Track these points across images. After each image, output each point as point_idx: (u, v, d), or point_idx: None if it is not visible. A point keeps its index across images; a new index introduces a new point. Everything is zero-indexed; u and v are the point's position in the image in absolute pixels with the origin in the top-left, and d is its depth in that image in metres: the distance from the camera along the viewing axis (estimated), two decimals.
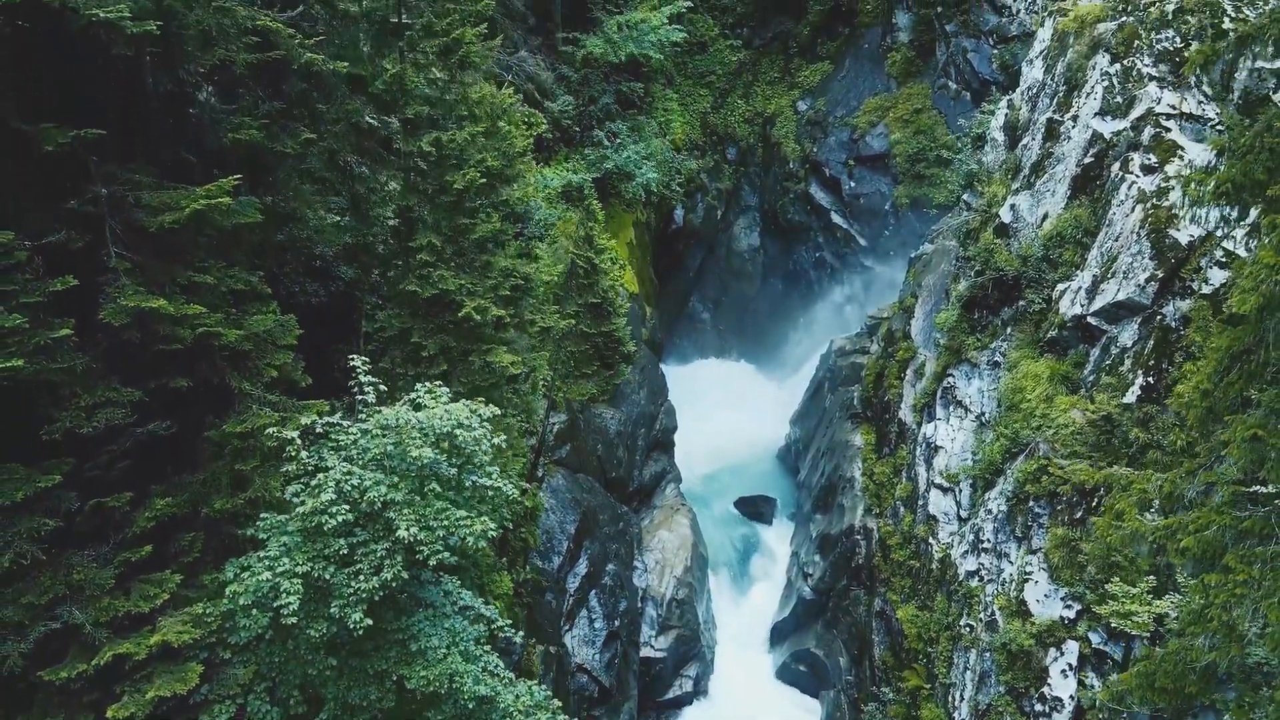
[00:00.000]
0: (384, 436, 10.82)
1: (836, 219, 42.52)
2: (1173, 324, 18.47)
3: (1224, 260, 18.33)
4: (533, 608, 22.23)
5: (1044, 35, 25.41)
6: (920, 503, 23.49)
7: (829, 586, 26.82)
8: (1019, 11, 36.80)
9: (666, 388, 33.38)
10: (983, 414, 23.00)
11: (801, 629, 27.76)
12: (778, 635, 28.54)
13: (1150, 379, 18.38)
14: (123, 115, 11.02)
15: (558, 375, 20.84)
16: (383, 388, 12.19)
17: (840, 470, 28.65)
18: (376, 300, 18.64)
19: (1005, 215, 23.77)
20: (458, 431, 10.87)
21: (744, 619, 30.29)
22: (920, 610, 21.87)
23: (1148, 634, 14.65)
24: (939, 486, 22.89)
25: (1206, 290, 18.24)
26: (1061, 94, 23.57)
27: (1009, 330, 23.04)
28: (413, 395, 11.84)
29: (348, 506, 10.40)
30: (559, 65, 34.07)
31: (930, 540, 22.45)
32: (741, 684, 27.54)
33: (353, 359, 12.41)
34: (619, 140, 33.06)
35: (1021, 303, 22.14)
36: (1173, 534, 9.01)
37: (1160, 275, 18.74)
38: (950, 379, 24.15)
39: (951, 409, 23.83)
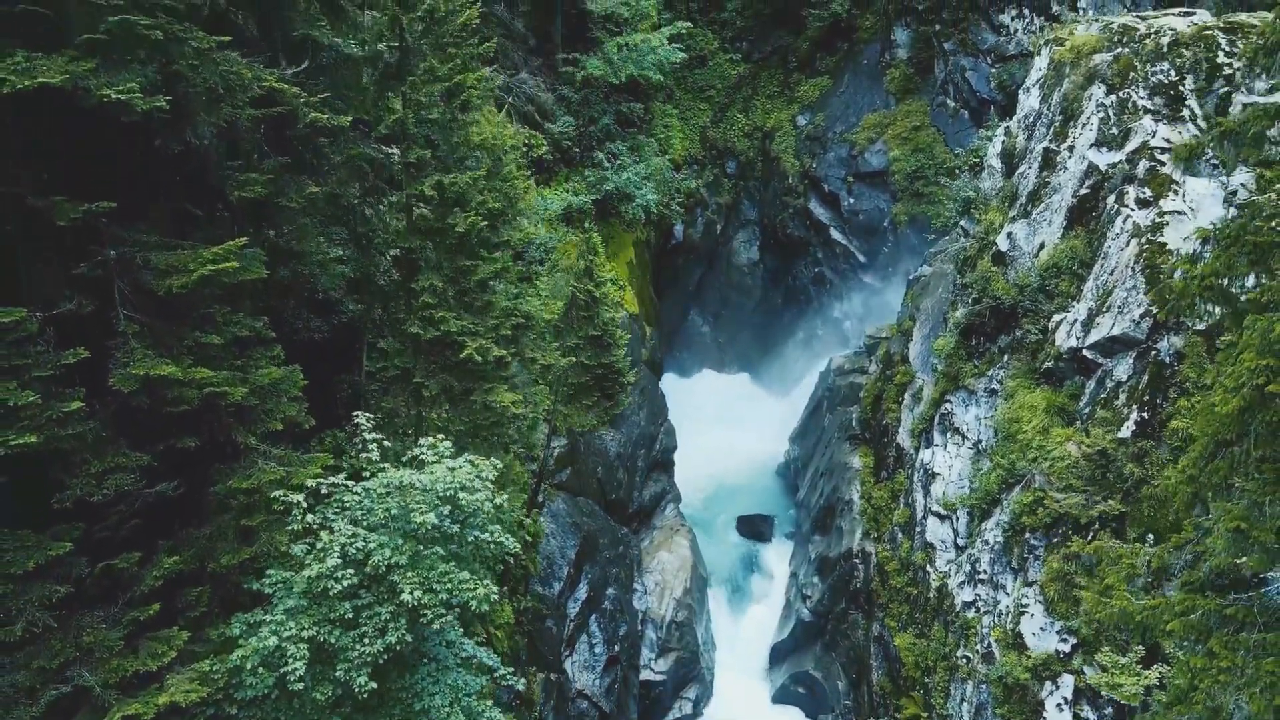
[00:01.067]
0: (389, 498, 10.99)
1: (835, 235, 42.69)
2: (1167, 359, 18.65)
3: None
4: (533, 635, 22.40)
5: (1040, 64, 25.58)
6: (918, 529, 23.67)
7: (827, 609, 26.99)
8: (1017, 31, 36.99)
9: (666, 408, 33.58)
10: (980, 441, 23.18)
11: (800, 650, 27.93)
12: (776, 656, 28.71)
13: (1145, 414, 18.56)
14: (130, 174, 11.20)
15: (559, 400, 21.01)
16: (386, 444, 12.36)
17: (839, 492, 28.83)
18: (379, 335, 18.88)
19: (1002, 243, 23.95)
20: (460, 495, 11.06)
21: (743, 639, 30.46)
22: (918, 638, 22.04)
23: (1137, 704, 14.81)
24: (936, 514, 23.06)
25: (1200, 326, 18.41)
26: (1058, 124, 23.73)
27: (1006, 358, 23.22)
28: (416, 451, 12.02)
29: (352, 570, 10.57)
30: (559, 86, 34.28)
31: (928, 568, 22.63)
32: (741, 706, 27.71)
33: (358, 416, 12.58)
34: (619, 161, 33.24)
35: (1019, 333, 22.32)
36: (1159, 615, 9.15)
37: (1154, 311, 18.91)
38: (948, 405, 24.33)
39: (949, 436, 24.01)
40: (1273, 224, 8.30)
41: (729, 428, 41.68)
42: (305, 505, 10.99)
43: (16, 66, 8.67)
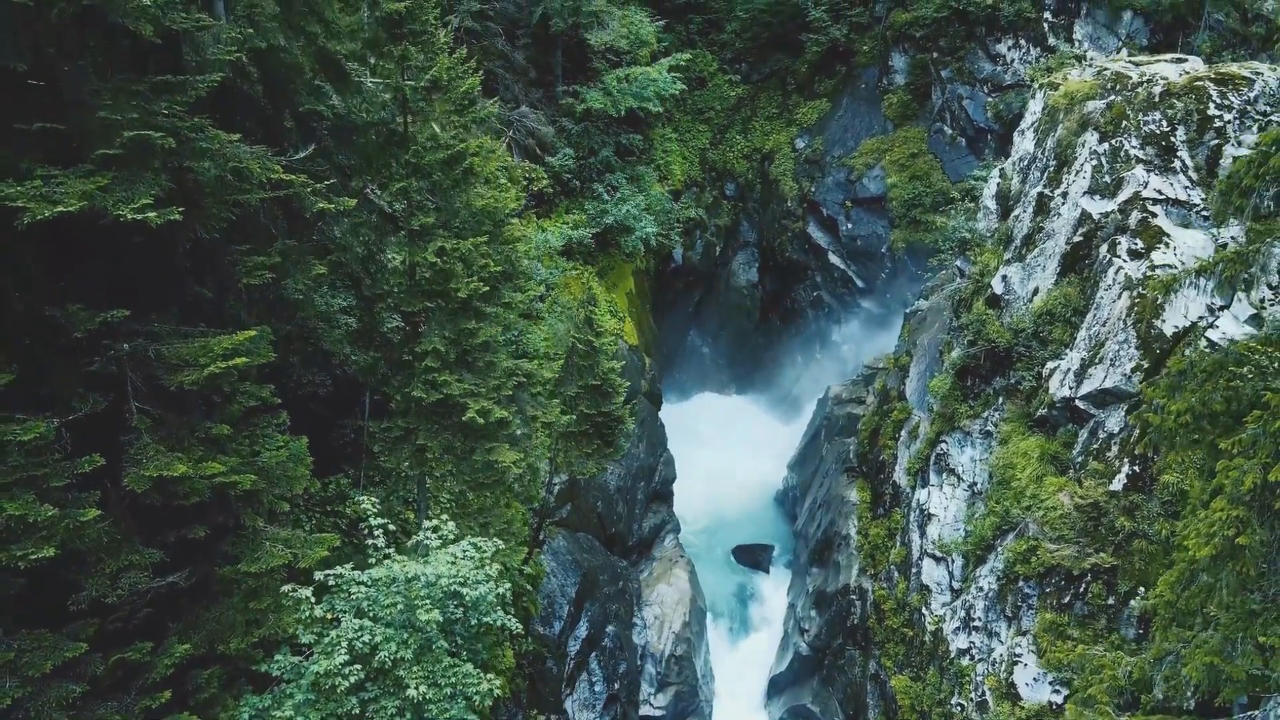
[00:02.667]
0: (394, 593, 11.29)
1: (834, 259, 43.02)
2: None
3: (1208, 351, 18.82)
4: (534, 677, 22.70)
5: (1035, 108, 25.89)
6: (914, 570, 23.97)
7: (825, 644, 27.29)
8: (1013, 61, 37.29)
9: (665, 438, 33.88)
10: (975, 484, 23.47)
11: (798, 684, 28.23)
12: (775, 688, 29.01)
13: (1136, 468, 18.85)
14: (142, 270, 11.50)
15: (559, 445, 21.33)
16: (391, 527, 12.67)
17: (836, 526, 29.13)
18: (381, 388, 19.19)
19: (997, 286, 24.26)
20: (463, 590, 11.36)
21: (741, 669, 30.76)
22: (914, 681, 22.34)
23: None
24: (932, 556, 23.36)
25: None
26: (1052, 169, 24.04)
27: (1001, 400, 23.52)
28: (420, 536, 12.32)
29: (359, 666, 10.87)
30: (559, 118, 34.58)
31: (923, 610, 22.93)
32: None
33: (362, 500, 12.89)
34: (619, 194, 33.55)
35: (1013, 379, 22.61)
36: None
37: (1145, 365, 19.20)
38: (943, 445, 24.62)
39: (944, 476, 24.31)
40: (1245, 370, 8.60)
41: (728, 450, 42.01)
42: (313, 601, 11.28)
43: (35, 192, 8.96)
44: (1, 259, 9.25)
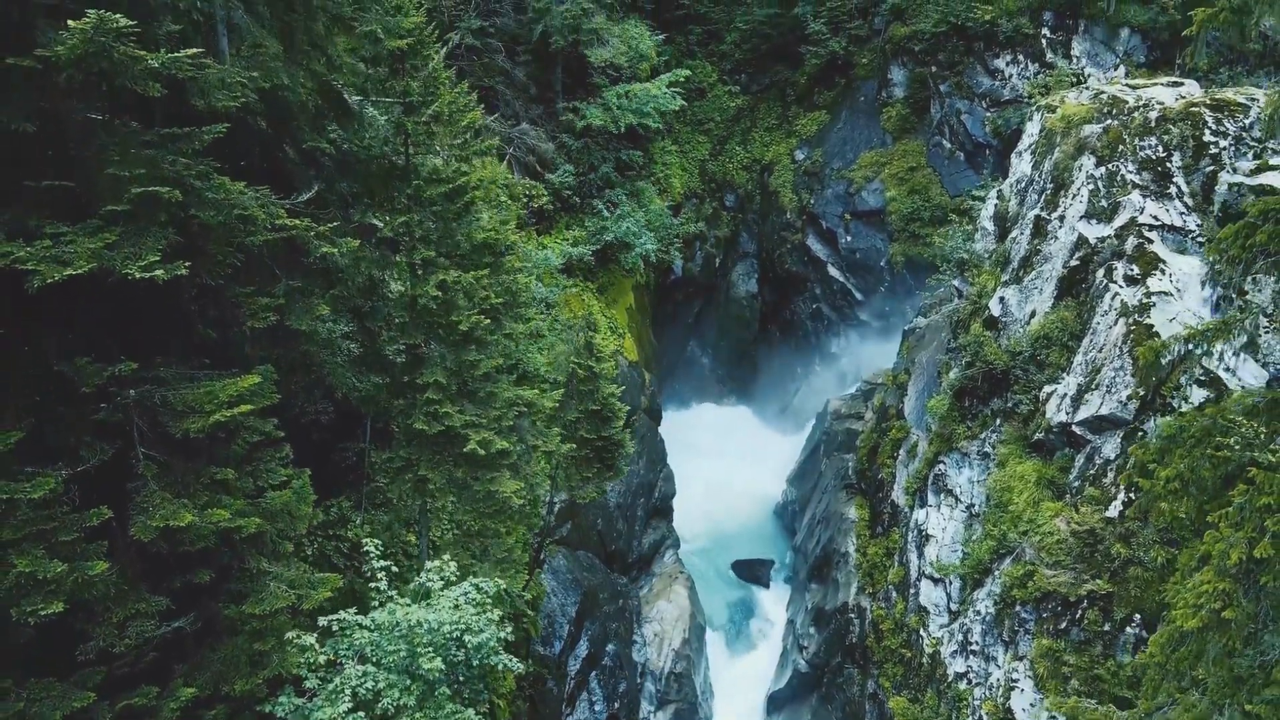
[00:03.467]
0: (398, 639, 11.44)
1: (833, 272, 43.18)
2: (1153, 440, 19.07)
3: (1203, 379, 18.99)
4: (534, 698, 22.85)
5: (1032, 130, 26.04)
6: (912, 591, 24.12)
7: (824, 662, 27.44)
8: (1011, 77, 37.45)
9: (665, 454, 34.02)
10: (972, 505, 23.62)
11: (797, 701, 28.38)
12: (773, 705, 29.16)
13: (1132, 495, 19.00)
14: (147, 316, 11.65)
15: (559, 463, 21.48)
16: (394, 568, 12.82)
17: (835, 543, 29.27)
18: (382, 416, 19.35)
19: (994, 308, 24.41)
20: (466, 637, 11.52)
21: (740, 685, 30.88)
22: (912, 703, 22.49)
23: None
24: (930, 577, 23.51)
25: (1186, 408, 18.86)
26: (1049, 192, 24.19)
27: (998, 421, 23.66)
28: (423, 578, 12.48)
29: (363, 714, 11.03)
30: (559, 134, 34.73)
31: (921, 632, 23.08)
32: None
33: (366, 543, 13.04)
34: (619, 210, 33.70)
35: (1011, 402, 22.76)
36: None
37: (1142, 393, 19.36)
38: (941, 466, 24.76)
39: (942, 497, 24.45)
40: (1231, 440, 8.77)
41: (728, 460, 42.12)
42: (317, 648, 11.43)
43: (45, 253, 9.11)
44: (11, 318, 9.37)
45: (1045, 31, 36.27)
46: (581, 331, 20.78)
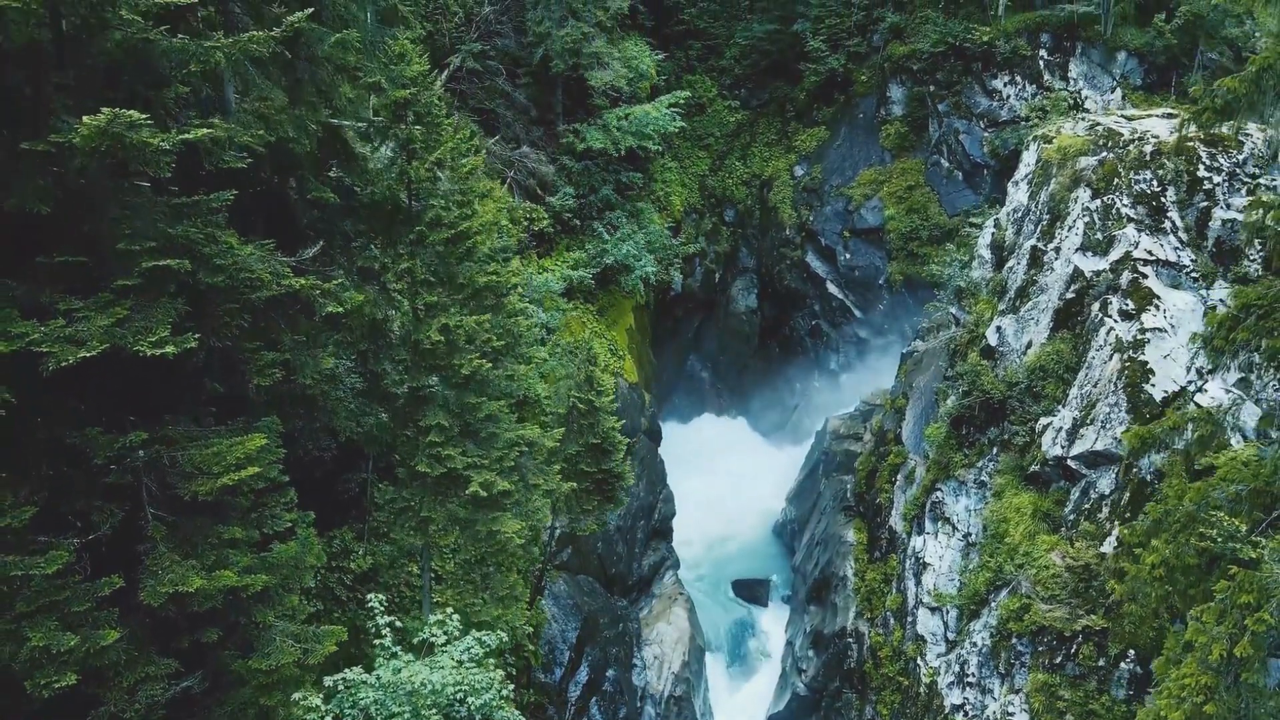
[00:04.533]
0: (401, 700, 11.66)
1: (832, 289, 43.39)
2: (1147, 477, 19.28)
3: (1196, 416, 19.20)
4: None
5: (1029, 160, 26.26)
6: (909, 619, 24.34)
7: (822, 686, 27.65)
8: (1009, 97, 37.65)
9: (665, 475, 34.22)
10: (969, 534, 23.84)
11: None
12: None
13: (1126, 531, 19.20)
14: (153, 374, 11.86)
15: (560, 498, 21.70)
16: (399, 624, 13.04)
17: (833, 566, 29.49)
18: (384, 454, 19.58)
19: (991, 337, 24.64)
20: (468, 699, 11.74)
21: (740, 706, 31.13)
22: None
23: None
24: (927, 606, 23.73)
25: (1180, 445, 19.08)
26: (1045, 223, 24.41)
27: (995, 450, 23.88)
28: (426, 633, 12.70)
29: None
30: (560, 156, 34.93)
31: (919, 660, 23.30)
32: None
33: (370, 599, 13.26)
34: (619, 232, 33.91)
35: (1007, 434, 22.98)
36: None
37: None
38: (938, 494, 24.98)
39: (939, 525, 24.67)
40: (1214, 532, 8.98)
41: (727, 475, 42.34)
42: (324, 706, 11.65)
43: (59, 334, 9.32)
44: (25, 395, 9.59)
45: (1043, 53, 36.48)
46: (582, 365, 20.95)
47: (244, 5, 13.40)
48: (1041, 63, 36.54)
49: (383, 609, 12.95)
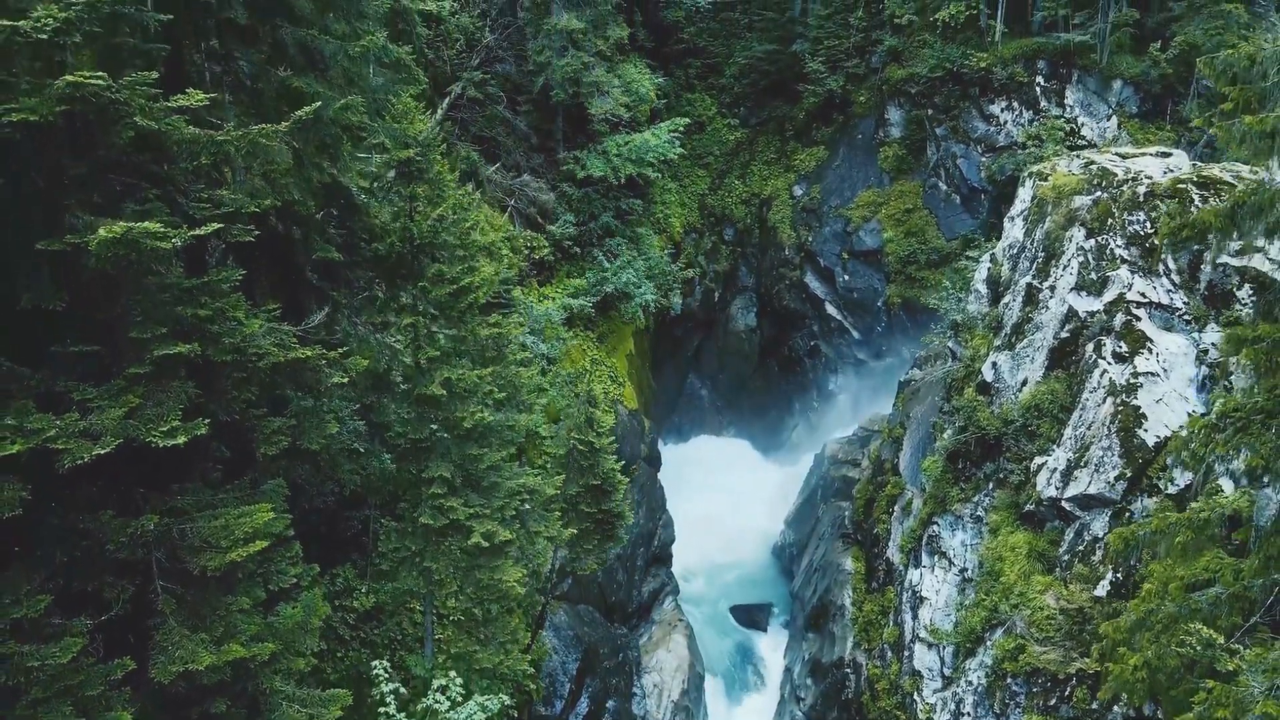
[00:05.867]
0: None
1: (831, 310, 43.65)
2: (1140, 521, 19.55)
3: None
4: None
5: (1024, 196, 26.51)
6: (906, 654, 24.59)
7: (820, 715, 27.91)
8: (1006, 123, 37.92)
9: (665, 500, 34.47)
10: (965, 569, 24.09)
11: None
12: None
13: (1119, 575, 19.47)
14: (166, 456, 12.12)
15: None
16: (403, 691, 13.31)
17: (831, 594, 29.74)
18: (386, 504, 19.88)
19: (987, 373, 24.89)
20: None
21: None
22: None
23: None
24: (924, 641, 23.98)
25: (1173, 490, 19.35)
26: (1040, 260, 24.66)
27: (991, 486, 24.13)
28: (430, 700, 12.98)
29: None
30: (560, 183, 35.20)
31: (915, 696, 23.55)
32: None
33: (375, 666, 13.53)
34: (619, 260, 34.17)
35: (1002, 471, 23.23)
36: None
37: (1129, 474, 19.84)
38: (935, 527, 25.24)
39: (936, 559, 24.93)
40: (1193, 639, 9.24)
41: (726, 494, 42.61)
42: None
43: (74, 429, 9.59)
44: (41, 486, 9.85)
45: (1039, 80, 36.74)
46: (582, 407, 21.22)
47: (250, 95, 13.65)
48: (1038, 89, 36.81)
49: (387, 675, 13.21)
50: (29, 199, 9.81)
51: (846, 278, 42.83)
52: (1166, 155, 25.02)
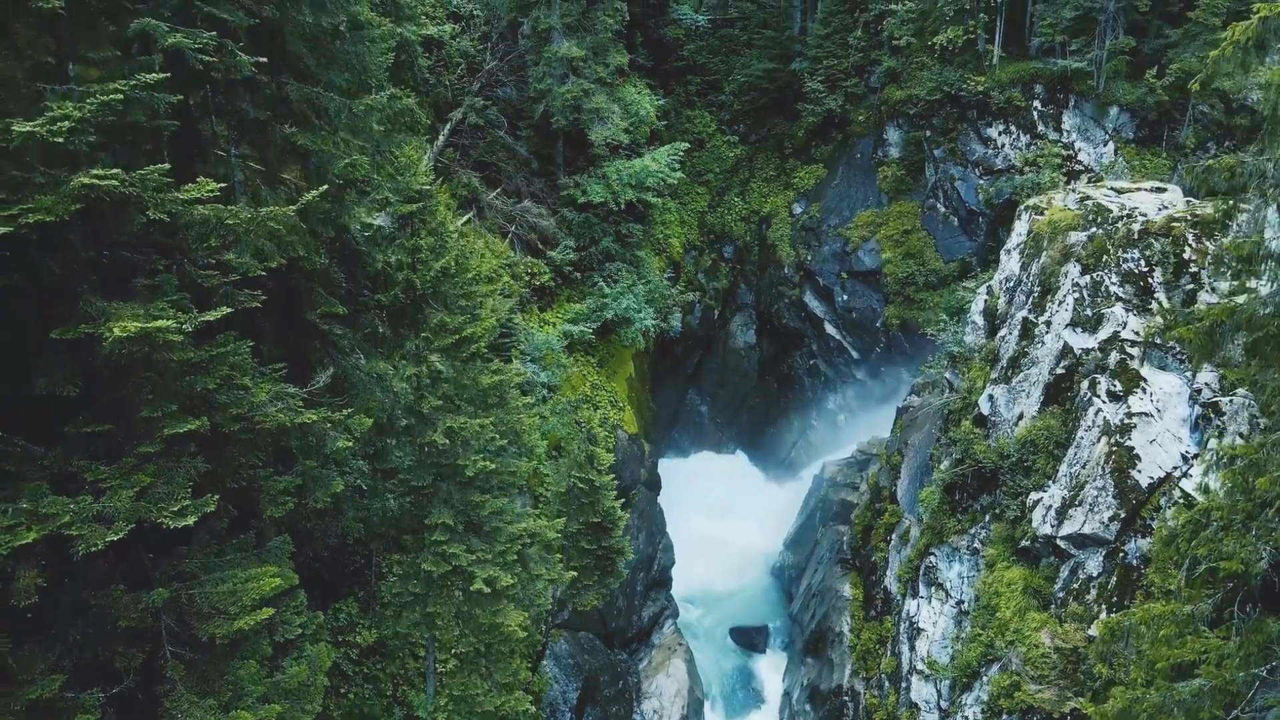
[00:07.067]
0: None
1: (830, 330, 43.90)
2: (1134, 562, 19.82)
3: (1181, 502, 19.72)
4: None
5: (1020, 230, 26.75)
6: (903, 684, 24.84)
7: None
8: (1004, 146, 38.15)
9: (664, 524, 34.71)
10: (962, 601, 24.34)
11: None
12: None
13: (1113, 615, 19.70)
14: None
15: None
16: None
17: (829, 620, 29.99)
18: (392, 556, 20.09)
19: (984, 406, 25.13)
20: None
21: None
22: None
23: None
24: (921, 673, 24.23)
25: (1165, 531, 19.60)
26: (1036, 295, 24.89)
27: (988, 518, 24.39)
28: None
29: None
30: (561, 207, 35.42)
31: None
32: None
33: None
34: (618, 285, 34.40)
35: (999, 507, 23.47)
36: None
37: (1123, 515, 20.08)
38: (932, 558, 25.49)
39: (933, 590, 25.18)
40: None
41: (726, 512, 42.92)
42: None
43: (87, 513, 9.83)
44: (55, 567, 10.10)
45: (1036, 104, 36.98)
46: (583, 445, 21.46)
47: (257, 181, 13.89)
48: (1035, 114, 37.04)
49: None
50: (44, 288, 10.05)
51: (845, 297, 43.07)
52: (1161, 191, 25.27)
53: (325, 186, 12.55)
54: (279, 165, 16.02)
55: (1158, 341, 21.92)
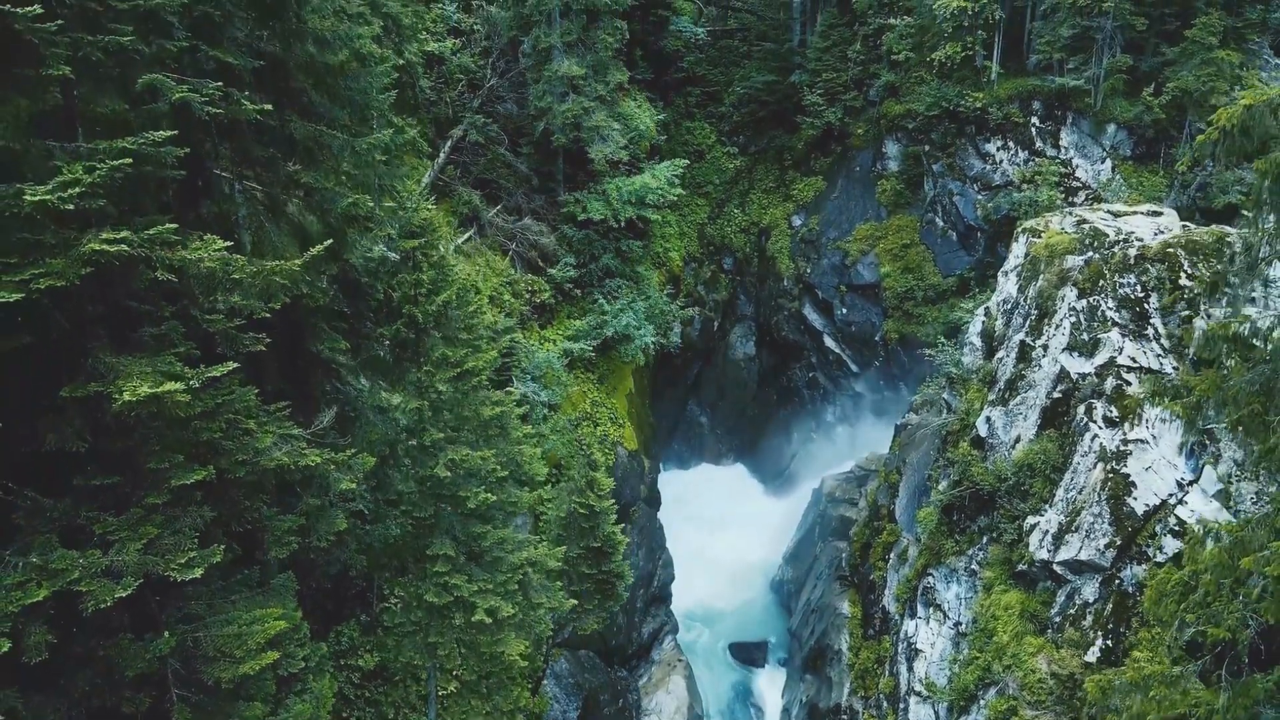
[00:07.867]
0: None
1: (829, 343, 44.08)
2: (1130, 589, 19.98)
3: (1177, 529, 19.89)
4: None
5: (1018, 252, 26.91)
6: (902, 705, 25.00)
7: None
8: (1002, 161, 38.32)
9: (664, 540, 34.88)
10: (960, 623, 24.51)
11: None
12: None
13: (1109, 641, 19.88)
14: None
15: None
16: None
17: (828, 638, 30.15)
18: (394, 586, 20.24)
19: (981, 428, 25.29)
20: None
21: None
22: None
23: None
24: (919, 694, 24.39)
25: (1161, 558, 19.77)
26: (1033, 318, 25.06)
27: (985, 540, 24.55)
28: None
29: None
30: (561, 224, 35.57)
31: None
32: None
33: None
34: (618, 302, 34.56)
35: (996, 530, 23.63)
36: None
37: (1118, 542, 20.25)
38: (930, 579, 25.66)
39: (931, 611, 25.34)
40: None
41: (725, 523, 43.10)
42: None
43: (96, 568, 10.00)
44: (64, 620, 10.27)
45: (1034, 120, 37.15)
46: (583, 470, 21.62)
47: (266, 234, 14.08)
48: (1033, 130, 37.21)
49: None
50: (52, 344, 10.21)
51: (844, 311, 43.25)
52: (1157, 215, 25.43)
53: (330, 241, 12.66)
54: (282, 198, 16.20)
55: (1154, 367, 22.07)
